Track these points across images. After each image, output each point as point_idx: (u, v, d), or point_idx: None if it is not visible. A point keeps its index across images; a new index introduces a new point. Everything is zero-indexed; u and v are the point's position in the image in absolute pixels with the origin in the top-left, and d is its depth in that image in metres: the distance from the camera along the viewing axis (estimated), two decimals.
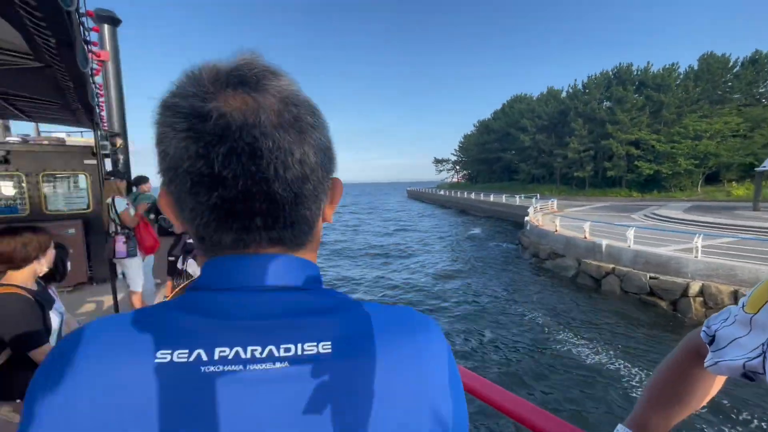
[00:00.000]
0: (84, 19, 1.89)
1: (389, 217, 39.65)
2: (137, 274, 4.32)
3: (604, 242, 12.70)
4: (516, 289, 12.95)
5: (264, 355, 0.34)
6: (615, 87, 38.99)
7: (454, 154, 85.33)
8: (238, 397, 0.32)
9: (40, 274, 1.85)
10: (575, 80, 48.41)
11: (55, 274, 1.99)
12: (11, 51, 2.03)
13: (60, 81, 2.46)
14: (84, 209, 5.78)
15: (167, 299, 0.53)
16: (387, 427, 0.34)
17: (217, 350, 0.33)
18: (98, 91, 3.60)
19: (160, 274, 5.62)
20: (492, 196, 40.62)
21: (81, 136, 7.09)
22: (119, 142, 6.46)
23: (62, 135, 6.75)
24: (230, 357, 0.33)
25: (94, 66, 2.79)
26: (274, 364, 0.34)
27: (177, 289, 0.77)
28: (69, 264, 2.15)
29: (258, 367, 0.33)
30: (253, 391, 0.33)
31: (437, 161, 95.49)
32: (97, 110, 3.94)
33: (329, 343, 0.35)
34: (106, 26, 6.27)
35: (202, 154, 0.34)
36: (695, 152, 31.33)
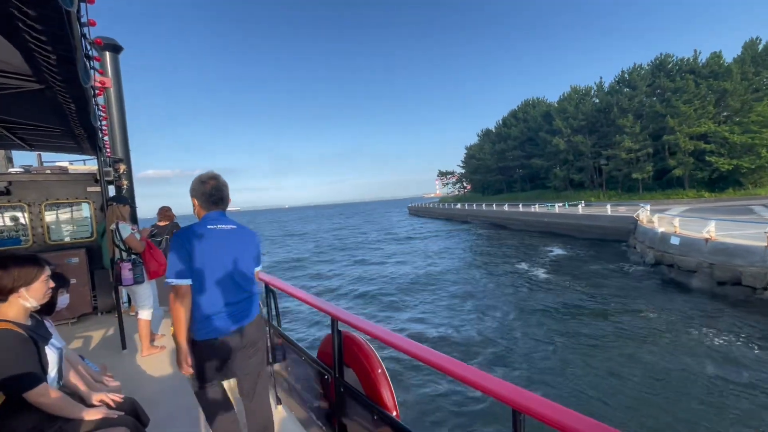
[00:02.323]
0: (86, 30, 1.77)
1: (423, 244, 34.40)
2: (146, 301, 4.20)
3: None
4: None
5: (226, 227, 2.07)
6: (663, 78, 36.05)
7: (460, 166, 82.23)
8: (227, 235, 2.07)
9: (32, 309, 1.80)
10: (601, 78, 45.87)
11: (46, 308, 1.92)
12: (10, 73, 2.07)
13: (61, 103, 2.48)
14: (87, 237, 5.73)
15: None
16: (253, 248, 2.19)
17: (218, 226, 2.05)
18: (101, 113, 3.39)
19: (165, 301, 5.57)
20: (535, 207, 36.37)
21: (84, 164, 6.80)
22: (122, 167, 6.12)
23: (65, 164, 6.55)
24: (221, 227, 2.05)
25: (96, 86, 2.61)
26: (227, 227, 2.07)
27: None
28: (66, 297, 2.21)
29: (225, 227, 2.07)
30: (225, 233, 2.06)
31: (441, 174, 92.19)
32: (100, 134, 3.88)
33: (235, 226, 2.12)
34: (108, 53, 5.95)
35: (212, 189, 2.11)
36: None
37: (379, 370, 2.04)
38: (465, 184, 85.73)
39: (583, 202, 37.72)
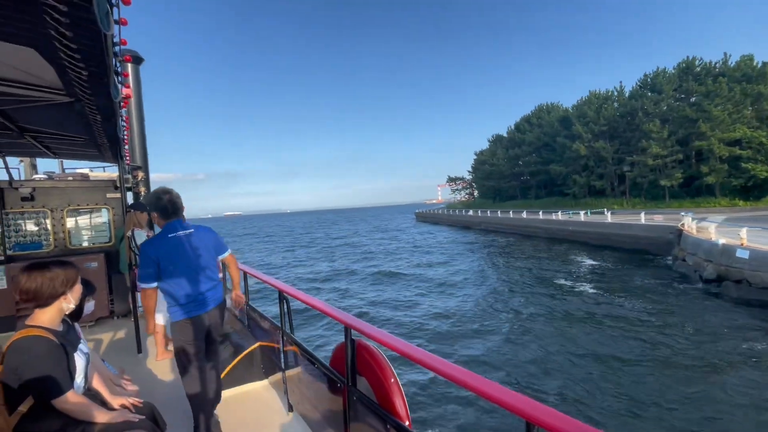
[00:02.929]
0: (117, 48, 1.80)
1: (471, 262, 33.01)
2: (161, 307, 4.14)
3: None
4: None
5: (184, 232, 2.57)
6: (690, 82, 34.90)
7: (469, 172, 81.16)
8: (186, 239, 2.56)
9: (68, 312, 1.85)
10: (621, 82, 44.85)
11: (77, 312, 1.98)
12: (42, 87, 2.20)
13: (88, 114, 2.66)
14: (106, 243, 5.91)
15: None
16: (211, 243, 2.71)
17: (177, 233, 2.54)
18: (124, 123, 3.55)
19: None
20: (557, 215, 35.06)
21: (104, 171, 7.01)
22: (140, 174, 6.40)
23: (86, 171, 6.75)
24: (180, 233, 2.54)
25: (122, 98, 2.60)
26: (185, 232, 2.57)
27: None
28: (91, 304, 2.23)
29: (183, 233, 2.56)
30: (185, 237, 2.55)
31: (451, 179, 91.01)
32: (123, 144, 4.06)
33: (192, 229, 2.63)
34: (129, 65, 6.16)
35: (168, 202, 2.58)
36: None
37: (392, 380, 2.02)
38: (473, 191, 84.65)
39: (606, 210, 36.46)
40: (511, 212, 45.08)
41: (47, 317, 1.73)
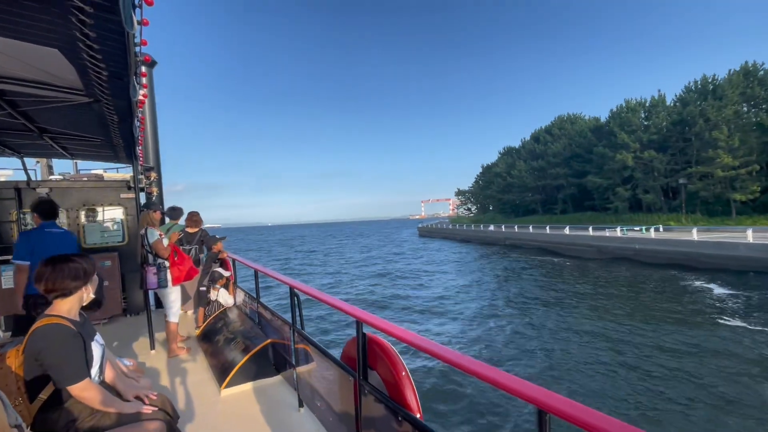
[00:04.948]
0: (138, 49, 1.85)
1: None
2: (173, 305, 4.42)
3: None
4: None
5: (57, 230, 3.59)
6: (756, 87, 32.42)
7: (473, 186, 78.13)
8: (56, 235, 3.54)
9: (86, 302, 1.92)
10: (659, 90, 42.51)
11: (93, 304, 2.04)
12: (62, 87, 2.27)
13: (106, 115, 2.86)
14: (119, 242, 6.12)
15: (200, 328, 4.85)
16: (72, 244, 3.66)
17: (52, 230, 3.55)
18: (140, 124, 3.74)
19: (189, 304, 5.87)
20: (616, 230, 31.35)
21: (117, 172, 7.21)
22: (153, 175, 6.59)
23: (100, 171, 7.11)
24: (54, 230, 3.55)
25: (138, 99, 2.73)
26: (57, 231, 3.60)
27: (209, 319, 4.90)
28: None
29: (56, 231, 3.58)
30: (56, 234, 3.55)
31: (460, 192, 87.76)
32: (137, 144, 4.25)
33: (63, 230, 3.67)
34: (143, 67, 5.44)
35: (48, 207, 3.68)
36: None
37: (403, 373, 2.00)
38: (472, 205, 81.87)
39: (660, 226, 33.26)
40: (547, 227, 41.41)
41: (67, 307, 1.81)
